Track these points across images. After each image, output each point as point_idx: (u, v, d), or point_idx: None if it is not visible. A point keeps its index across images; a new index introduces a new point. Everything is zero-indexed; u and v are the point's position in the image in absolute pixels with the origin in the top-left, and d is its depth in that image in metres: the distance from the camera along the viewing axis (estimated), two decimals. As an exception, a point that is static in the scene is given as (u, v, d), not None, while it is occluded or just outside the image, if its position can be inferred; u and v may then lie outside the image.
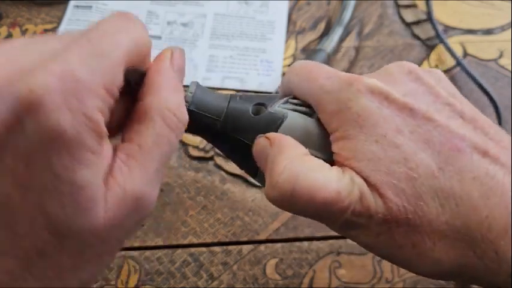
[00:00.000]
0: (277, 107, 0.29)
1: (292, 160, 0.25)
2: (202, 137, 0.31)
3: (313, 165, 0.26)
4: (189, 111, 0.28)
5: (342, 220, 0.24)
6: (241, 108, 0.29)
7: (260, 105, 0.29)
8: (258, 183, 0.32)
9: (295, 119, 0.28)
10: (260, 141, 0.28)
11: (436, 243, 0.24)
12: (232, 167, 0.50)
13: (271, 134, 0.27)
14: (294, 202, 0.25)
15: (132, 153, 0.23)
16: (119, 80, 0.22)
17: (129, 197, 0.22)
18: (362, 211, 0.24)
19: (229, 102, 0.29)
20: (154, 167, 0.23)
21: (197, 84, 0.30)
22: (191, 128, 0.28)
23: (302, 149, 0.27)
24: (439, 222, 0.24)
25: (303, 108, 0.29)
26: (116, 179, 0.22)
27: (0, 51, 0.21)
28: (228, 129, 0.29)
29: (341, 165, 0.26)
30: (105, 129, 0.21)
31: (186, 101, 0.28)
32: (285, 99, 0.30)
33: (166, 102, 0.24)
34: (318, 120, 0.28)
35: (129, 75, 0.24)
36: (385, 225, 0.24)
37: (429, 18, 0.60)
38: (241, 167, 0.32)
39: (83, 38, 0.22)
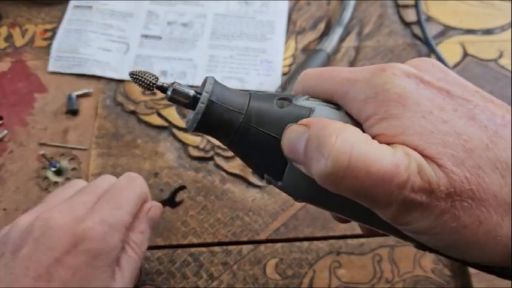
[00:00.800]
0: (302, 101, 0.27)
1: (341, 131, 0.23)
2: (221, 136, 0.28)
3: (365, 137, 0.24)
4: (209, 104, 0.26)
5: (400, 199, 0.22)
6: (264, 101, 0.27)
7: (283, 100, 0.27)
8: (276, 185, 0.29)
9: (323, 111, 0.27)
10: (293, 128, 0.25)
11: (503, 217, 0.22)
12: (233, 167, 0.50)
13: (304, 120, 0.25)
14: (350, 176, 0.22)
15: (117, 274, 0.36)
16: (130, 220, 0.38)
17: None
18: (422, 185, 0.22)
19: (250, 96, 0.27)
20: (127, 280, 0.37)
21: (215, 80, 0.27)
22: (210, 126, 0.27)
23: (345, 124, 0.25)
24: (503, 194, 0.22)
25: (328, 103, 0.27)
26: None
27: (62, 204, 0.37)
28: (252, 123, 0.26)
29: (389, 143, 0.24)
30: (119, 253, 0.36)
31: (206, 92, 0.26)
32: (306, 96, 0.28)
33: (133, 237, 0.38)
34: (346, 114, 0.27)
35: None
36: (448, 200, 0.22)
37: (419, 22, 0.60)
38: (261, 168, 0.28)
39: (106, 196, 0.37)
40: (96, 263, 0.34)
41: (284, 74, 0.57)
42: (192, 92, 0.27)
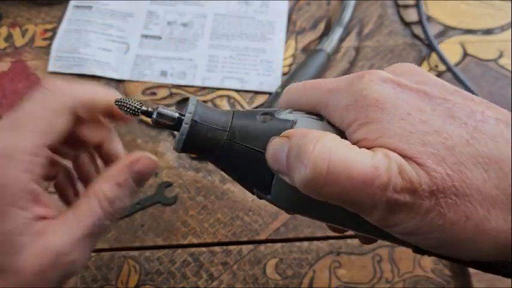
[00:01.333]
0: (284, 115, 0.28)
1: (320, 139, 0.24)
2: (207, 154, 0.28)
3: (343, 142, 0.24)
4: (193, 124, 0.27)
5: (383, 201, 0.22)
6: (247, 118, 0.28)
7: (266, 115, 0.28)
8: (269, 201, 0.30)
9: (305, 122, 0.27)
10: (275, 141, 0.26)
11: (490, 211, 0.22)
12: (232, 167, 0.50)
13: (286, 132, 0.26)
14: (331, 181, 0.23)
15: (67, 217, 0.30)
16: (43, 147, 0.29)
17: (52, 251, 0.28)
18: (405, 186, 0.22)
19: (233, 113, 0.28)
20: (80, 234, 0.29)
21: (197, 100, 0.28)
22: (195, 145, 0.27)
23: (324, 132, 0.26)
24: (488, 188, 0.22)
25: (311, 115, 0.28)
26: (46, 233, 0.28)
27: None
28: (236, 139, 0.27)
29: (369, 147, 0.24)
30: (34, 187, 0.28)
31: (189, 112, 0.27)
32: (289, 110, 0.29)
33: (103, 189, 0.31)
34: (328, 124, 0.27)
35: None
36: (432, 198, 0.22)
37: (420, 22, 0.60)
38: (250, 183, 0.29)
39: (5, 119, 0.30)
40: None
41: (284, 74, 0.57)
42: (176, 115, 0.28)
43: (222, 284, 0.44)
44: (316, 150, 0.23)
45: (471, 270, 0.43)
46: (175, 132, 0.28)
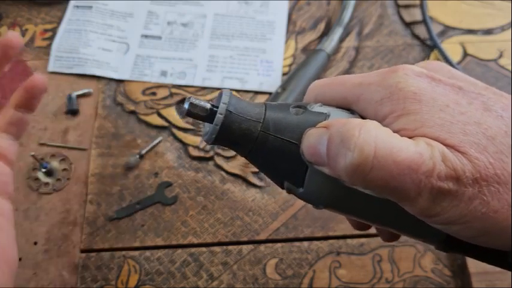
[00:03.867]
0: (317, 108, 0.28)
1: (363, 125, 0.24)
2: (240, 146, 0.28)
3: (386, 129, 0.24)
4: (228, 114, 0.26)
5: (428, 188, 0.23)
6: (280, 110, 0.27)
7: (298, 108, 0.28)
8: (297, 194, 0.29)
9: (339, 115, 0.27)
10: (312, 132, 0.26)
11: None
12: (232, 167, 0.50)
13: (323, 123, 0.26)
14: (378, 166, 0.23)
15: None
16: None
17: None
18: (449, 173, 0.23)
19: (265, 106, 0.28)
20: None
21: (231, 92, 0.28)
22: (229, 136, 0.27)
23: (365, 119, 0.25)
24: None
25: (342, 109, 0.28)
26: None
27: None
28: (271, 131, 0.27)
29: (409, 137, 0.24)
30: None
31: (224, 103, 0.27)
32: (319, 103, 0.29)
33: None
34: (361, 117, 0.27)
35: None
36: (475, 186, 0.23)
37: (424, 21, 0.60)
38: (281, 176, 0.28)
39: None
40: None
41: (284, 74, 0.57)
42: (208, 105, 0.27)
43: (222, 284, 0.44)
44: (362, 135, 0.23)
45: (471, 270, 0.43)
46: (205, 124, 0.28)
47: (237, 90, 0.56)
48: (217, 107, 0.27)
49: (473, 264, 0.43)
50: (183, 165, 0.51)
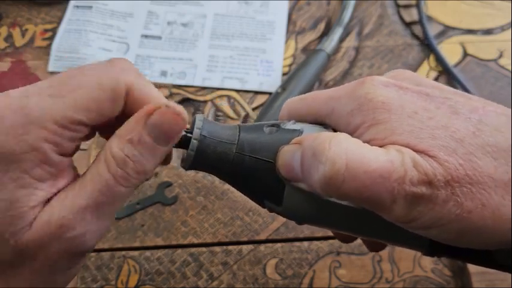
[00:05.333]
0: (290, 125, 0.28)
1: (333, 137, 0.24)
2: (217, 169, 0.28)
3: (356, 140, 0.25)
4: (202, 139, 0.27)
5: (402, 194, 0.23)
6: (253, 130, 0.28)
7: (272, 127, 0.28)
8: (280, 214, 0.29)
9: (312, 131, 0.28)
10: (286, 149, 0.26)
11: (504, 196, 0.23)
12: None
13: (295, 139, 0.27)
14: (350, 177, 0.23)
15: (73, 185, 0.26)
16: (74, 120, 0.25)
17: (53, 223, 0.24)
18: (421, 178, 0.23)
19: (239, 127, 0.28)
20: (84, 202, 0.25)
21: (203, 116, 0.28)
22: (205, 161, 0.27)
23: (335, 132, 0.26)
24: (499, 174, 0.23)
25: (315, 124, 0.29)
26: (50, 204, 0.25)
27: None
28: (246, 151, 0.27)
29: (380, 146, 0.25)
30: (53, 158, 0.25)
31: (198, 128, 0.27)
32: (292, 121, 0.29)
33: (111, 146, 0.25)
34: (334, 131, 0.27)
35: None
36: (448, 188, 0.23)
37: (420, 22, 0.60)
38: (261, 196, 0.29)
39: (52, 79, 0.26)
40: None
41: (284, 74, 0.57)
42: (182, 132, 0.27)
43: (222, 284, 0.44)
44: (333, 148, 0.24)
45: (471, 270, 0.43)
46: (182, 151, 0.28)
47: (237, 90, 0.56)
48: (191, 133, 0.27)
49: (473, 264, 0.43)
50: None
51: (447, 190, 0.23)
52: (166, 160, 0.29)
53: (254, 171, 0.27)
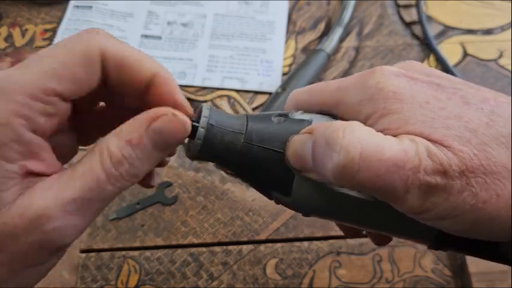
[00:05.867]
0: (298, 115, 0.28)
1: (347, 126, 0.24)
2: (224, 159, 0.27)
3: (369, 129, 0.24)
4: (209, 128, 0.26)
5: (416, 184, 0.23)
6: (261, 120, 0.27)
7: (280, 117, 0.28)
8: (286, 205, 0.28)
9: (321, 120, 0.27)
10: (296, 139, 0.26)
11: None
12: (232, 167, 0.50)
13: (306, 128, 0.26)
14: (364, 166, 0.23)
15: (63, 175, 0.24)
16: (45, 89, 0.23)
17: (32, 212, 0.22)
18: (435, 167, 0.23)
19: (247, 117, 0.27)
20: (71, 195, 0.23)
21: (211, 105, 0.27)
22: (212, 150, 0.26)
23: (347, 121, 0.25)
24: None
25: (323, 115, 0.28)
26: (32, 192, 0.23)
27: None
28: (254, 141, 0.26)
29: (393, 136, 0.24)
30: (26, 136, 0.23)
31: (205, 116, 0.26)
32: (300, 111, 0.29)
33: (108, 143, 0.24)
34: (342, 121, 0.27)
35: None
36: (463, 178, 0.23)
37: (420, 22, 0.60)
38: (268, 187, 0.28)
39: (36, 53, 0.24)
40: None
41: (284, 74, 0.57)
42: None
43: (222, 284, 0.44)
44: (347, 136, 0.23)
45: (471, 270, 0.43)
46: (188, 140, 0.27)
47: (237, 90, 0.56)
48: (198, 122, 0.26)
49: (473, 264, 0.43)
50: (183, 165, 0.51)
51: (462, 180, 0.23)
52: (161, 163, 0.28)
53: (262, 162, 0.27)
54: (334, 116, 0.28)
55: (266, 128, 0.27)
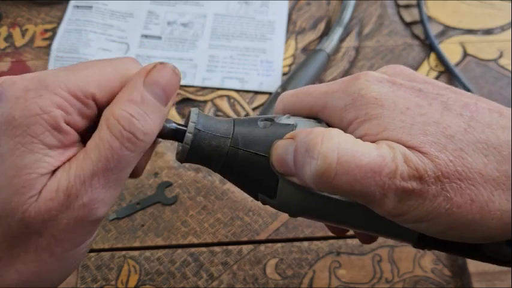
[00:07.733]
0: (284, 120, 0.29)
1: (326, 133, 0.25)
2: (211, 162, 0.28)
3: (348, 136, 0.25)
4: (197, 133, 0.27)
5: (393, 189, 0.23)
6: (248, 125, 0.28)
7: (266, 121, 0.29)
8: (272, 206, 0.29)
9: (305, 125, 0.28)
10: (280, 143, 0.27)
11: (493, 192, 0.24)
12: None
13: (289, 134, 0.27)
14: (342, 171, 0.24)
15: (78, 155, 0.25)
16: (86, 91, 0.25)
17: (61, 192, 0.24)
18: (411, 173, 0.23)
19: (233, 121, 0.28)
20: (90, 169, 0.24)
21: (199, 110, 0.28)
22: (199, 154, 0.28)
23: (328, 128, 0.26)
24: (489, 171, 0.24)
25: (309, 119, 0.29)
26: (55, 175, 0.24)
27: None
28: (240, 145, 0.27)
29: (373, 142, 0.25)
30: (63, 126, 0.24)
31: (192, 122, 0.27)
32: (286, 115, 0.29)
33: (112, 109, 0.25)
34: (327, 126, 0.28)
35: None
36: (438, 184, 0.24)
37: (421, 21, 0.60)
38: (254, 189, 0.29)
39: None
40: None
41: (284, 74, 0.57)
42: (174, 125, 0.28)
43: (222, 284, 0.44)
44: (325, 143, 0.24)
45: (471, 270, 0.43)
46: (178, 144, 0.29)
47: (237, 90, 0.56)
48: (186, 127, 0.28)
49: (473, 264, 0.43)
50: (183, 165, 0.51)
51: (437, 185, 0.24)
52: (136, 173, 0.28)
53: (248, 165, 0.28)
54: (320, 121, 0.28)
55: (252, 132, 0.28)
